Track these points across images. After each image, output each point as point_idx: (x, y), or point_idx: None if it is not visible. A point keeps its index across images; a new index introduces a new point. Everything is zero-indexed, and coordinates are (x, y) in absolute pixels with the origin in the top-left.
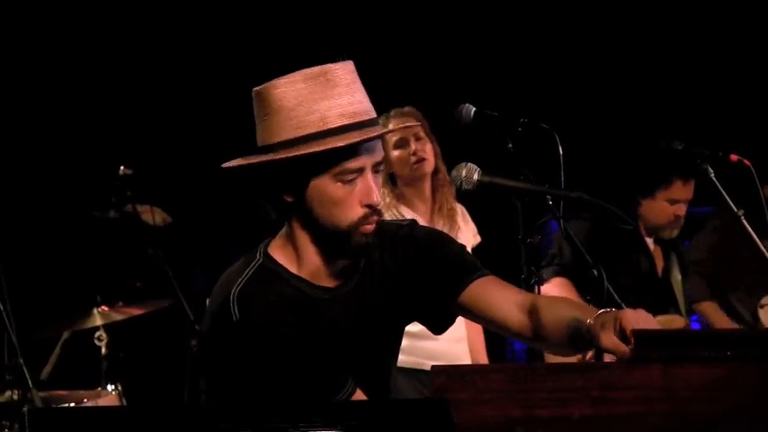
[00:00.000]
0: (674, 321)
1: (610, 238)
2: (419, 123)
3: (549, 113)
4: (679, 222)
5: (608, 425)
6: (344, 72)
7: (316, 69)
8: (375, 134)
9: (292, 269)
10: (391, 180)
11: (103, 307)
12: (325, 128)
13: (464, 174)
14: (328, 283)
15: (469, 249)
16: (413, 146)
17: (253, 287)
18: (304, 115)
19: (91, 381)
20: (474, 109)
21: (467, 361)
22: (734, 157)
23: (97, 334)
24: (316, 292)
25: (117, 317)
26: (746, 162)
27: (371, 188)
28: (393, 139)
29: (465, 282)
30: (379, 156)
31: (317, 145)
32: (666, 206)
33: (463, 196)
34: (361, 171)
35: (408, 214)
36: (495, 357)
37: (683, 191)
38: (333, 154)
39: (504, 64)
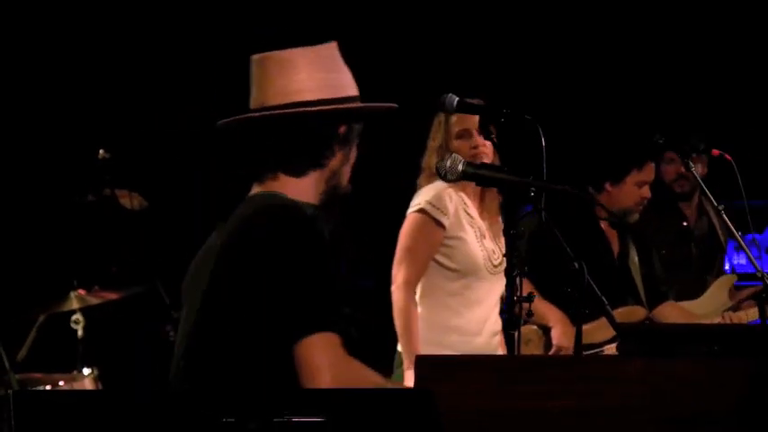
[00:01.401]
0: (634, 313)
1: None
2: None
3: (533, 105)
4: (643, 204)
5: (590, 418)
6: None
7: (331, 45)
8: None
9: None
10: None
11: (80, 291)
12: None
13: (449, 164)
14: None
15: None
16: (475, 138)
17: (304, 205)
18: (352, 80)
19: (66, 364)
20: (457, 99)
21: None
22: (715, 152)
23: (73, 317)
24: None
25: (93, 301)
26: (728, 156)
27: None
28: (455, 129)
29: None
30: None
31: (376, 106)
32: (635, 189)
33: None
34: None
35: (468, 201)
36: None
37: (651, 173)
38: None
39: (488, 55)
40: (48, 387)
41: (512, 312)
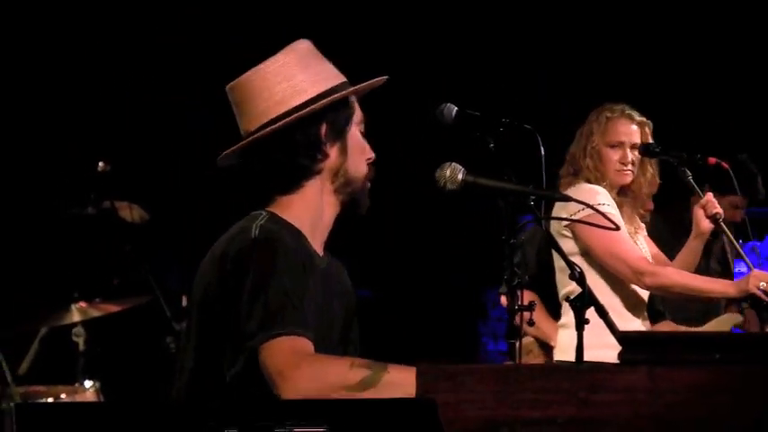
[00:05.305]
0: None
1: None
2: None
3: (532, 114)
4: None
5: (593, 427)
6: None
7: (295, 45)
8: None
9: (296, 225)
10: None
11: (81, 303)
12: (343, 79)
13: (448, 173)
14: (319, 250)
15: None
16: (628, 154)
17: (272, 226)
18: (324, 72)
19: (68, 376)
20: (456, 108)
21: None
22: (712, 160)
23: (75, 330)
24: (313, 253)
25: (95, 313)
26: (724, 165)
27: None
28: (610, 137)
29: None
30: None
31: (352, 90)
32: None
33: (447, 196)
34: None
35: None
36: (468, 357)
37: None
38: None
39: (487, 63)
40: (50, 400)
41: (512, 321)
